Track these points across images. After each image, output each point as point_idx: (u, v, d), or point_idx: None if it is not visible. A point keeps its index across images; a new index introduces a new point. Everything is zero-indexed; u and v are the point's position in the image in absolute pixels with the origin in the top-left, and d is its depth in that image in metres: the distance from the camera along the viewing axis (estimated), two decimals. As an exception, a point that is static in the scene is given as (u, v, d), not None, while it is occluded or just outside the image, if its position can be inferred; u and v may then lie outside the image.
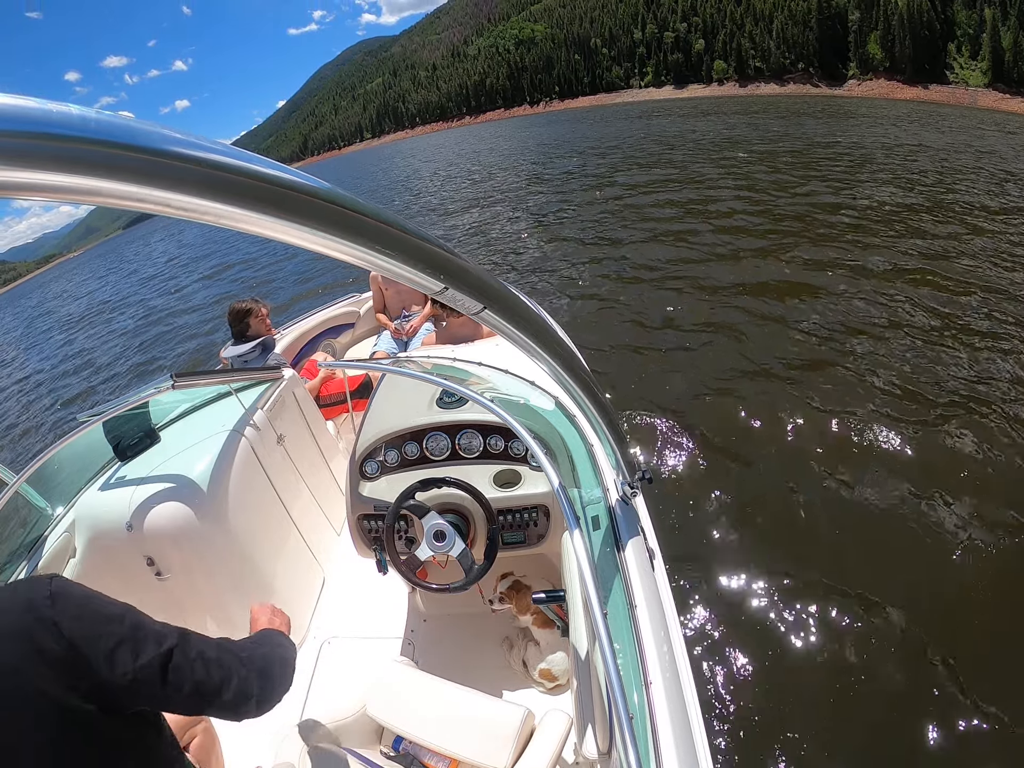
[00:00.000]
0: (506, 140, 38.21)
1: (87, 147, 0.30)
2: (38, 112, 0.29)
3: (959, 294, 5.51)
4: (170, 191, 0.35)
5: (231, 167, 0.37)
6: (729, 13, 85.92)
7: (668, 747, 0.88)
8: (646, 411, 4.08)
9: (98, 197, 0.33)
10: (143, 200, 0.34)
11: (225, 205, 0.38)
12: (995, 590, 2.52)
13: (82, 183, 0.31)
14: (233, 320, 3.01)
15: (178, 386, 1.88)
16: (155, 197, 0.35)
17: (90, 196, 0.32)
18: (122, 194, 0.33)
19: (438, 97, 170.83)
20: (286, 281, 11.36)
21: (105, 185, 0.32)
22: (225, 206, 0.38)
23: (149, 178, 0.34)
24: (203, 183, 0.36)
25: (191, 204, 0.36)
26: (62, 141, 0.29)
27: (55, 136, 0.29)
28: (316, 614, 2.25)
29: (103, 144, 0.31)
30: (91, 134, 0.30)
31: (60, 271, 69.88)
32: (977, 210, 8.37)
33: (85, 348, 11.74)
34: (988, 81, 50.18)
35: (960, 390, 3.98)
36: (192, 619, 1.90)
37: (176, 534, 1.86)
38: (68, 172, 0.30)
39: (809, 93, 64.53)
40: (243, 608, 1.34)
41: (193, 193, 0.36)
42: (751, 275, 6.50)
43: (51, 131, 0.29)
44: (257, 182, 0.38)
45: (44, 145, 0.29)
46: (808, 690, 2.22)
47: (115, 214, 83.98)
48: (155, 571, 1.89)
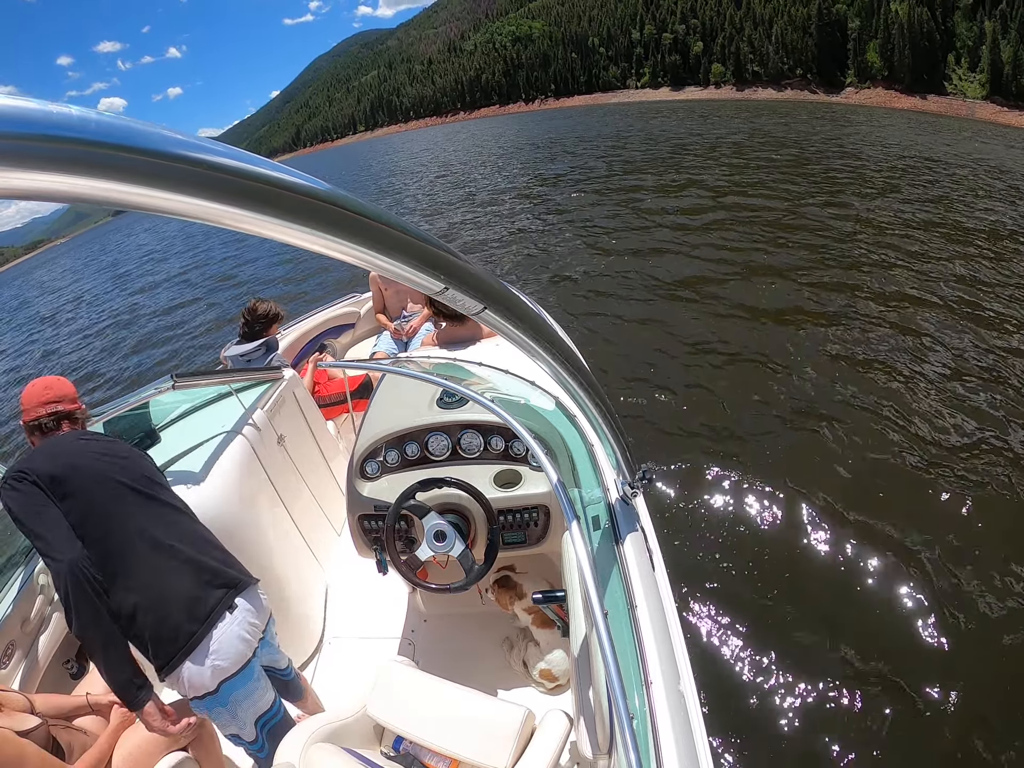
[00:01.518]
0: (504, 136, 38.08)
1: (87, 148, 0.30)
2: (38, 113, 0.29)
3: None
4: (171, 192, 0.35)
5: (232, 168, 0.37)
6: (728, 16, 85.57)
7: (668, 747, 0.88)
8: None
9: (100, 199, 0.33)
10: (144, 201, 0.34)
11: (226, 206, 0.38)
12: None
13: (83, 184, 0.31)
14: (254, 320, 2.90)
15: (178, 386, 1.88)
16: (156, 198, 0.35)
17: (91, 197, 0.32)
18: (123, 195, 0.33)
19: (433, 92, 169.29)
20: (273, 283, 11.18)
21: (107, 187, 0.32)
22: (226, 207, 0.38)
23: (150, 179, 0.34)
24: (204, 184, 0.36)
25: (192, 205, 0.36)
26: (62, 143, 0.29)
27: (55, 137, 0.29)
28: (316, 614, 2.25)
29: (103, 145, 0.31)
30: (91, 135, 0.30)
31: (48, 256, 69.04)
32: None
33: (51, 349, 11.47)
34: (986, 93, 50.10)
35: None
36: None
37: None
38: (68, 173, 0.30)
39: (806, 99, 64.37)
40: None
41: (194, 194, 0.36)
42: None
43: (51, 132, 0.29)
44: (258, 183, 0.38)
45: (44, 147, 0.29)
46: (808, 690, 2.22)
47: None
48: None
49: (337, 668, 2.06)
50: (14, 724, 1.24)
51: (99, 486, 1.35)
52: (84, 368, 9.04)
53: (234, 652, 1.32)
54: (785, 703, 2.19)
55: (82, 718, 1.48)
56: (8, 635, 1.63)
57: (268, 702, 1.45)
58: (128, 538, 1.32)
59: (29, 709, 1.35)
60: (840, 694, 2.20)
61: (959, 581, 2.59)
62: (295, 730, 1.28)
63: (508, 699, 1.65)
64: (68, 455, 1.39)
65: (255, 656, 1.39)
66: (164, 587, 1.30)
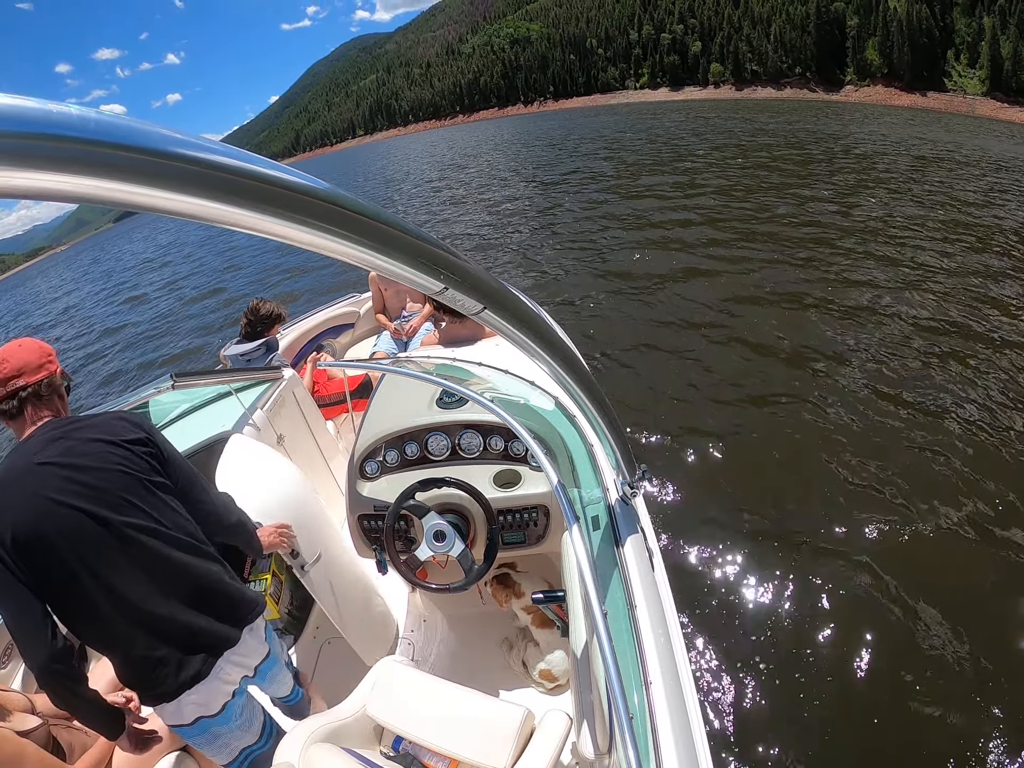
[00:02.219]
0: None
1: (87, 148, 0.30)
2: (38, 112, 0.29)
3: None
4: (171, 192, 0.35)
5: (232, 167, 0.37)
6: (727, 16, 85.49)
7: (668, 747, 0.88)
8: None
9: (99, 198, 0.33)
10: (144, 201, 0.34)
11: (226, 205, 0.38)
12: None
13: (83, 184, 0.31)
14: (257, 320, 2.88)
15: (178, 386, 1.88)
16: (157, 198, 0.35)
17: (91, 197, 0.32)
18: (124, 195, 0.33)
19: (431, 95, 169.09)
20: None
21: (106, 186, 0.32)
22: (226, 206, 0.38)
23: (150, 179, 0.34)
24: (204, 183, 0.36)
25: (192, 204, 0.36)
26: (62, 142, 0.29)
27: (55, 137, 0.29)
28: (316, 614, 2.25)
29: (103, 145, 0.31)
30: (91, 135, 0.30)
31: (48, 264, 67.85)
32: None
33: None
34: (986, 90, 50.24)
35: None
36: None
37: None
38: (69, 173, 0.30)
39: (806, 98, 64.36)
40: None
41: (194, 193, 0.36)
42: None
43: (51, 132, 0.29)
44: (258, 182, 0.39)
45: (44, 146, 0.29)
46: (809, 689, 2.22)
47: (105, 208, 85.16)
48: None
49: (337, 668, 2.06)
50: (15, 724, 1.24)
51: (69, 546, 1.13)
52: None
53: (211, 695, 1.27)
54: (786, 702, 2.19)
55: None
56: (8, 635, 1.63)
57: (253, 735, 1.41)
58: (112, 608, 1.18)
59: (30, 709, 1.35)
60: (841, 693, 2.20)
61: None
62: (295, 730, 1.27)
63: (508, 699, 1.65)
64: (24, 505, 1.12)
65: (235, 697, 1.32)
66: (149, 652, 1.21)
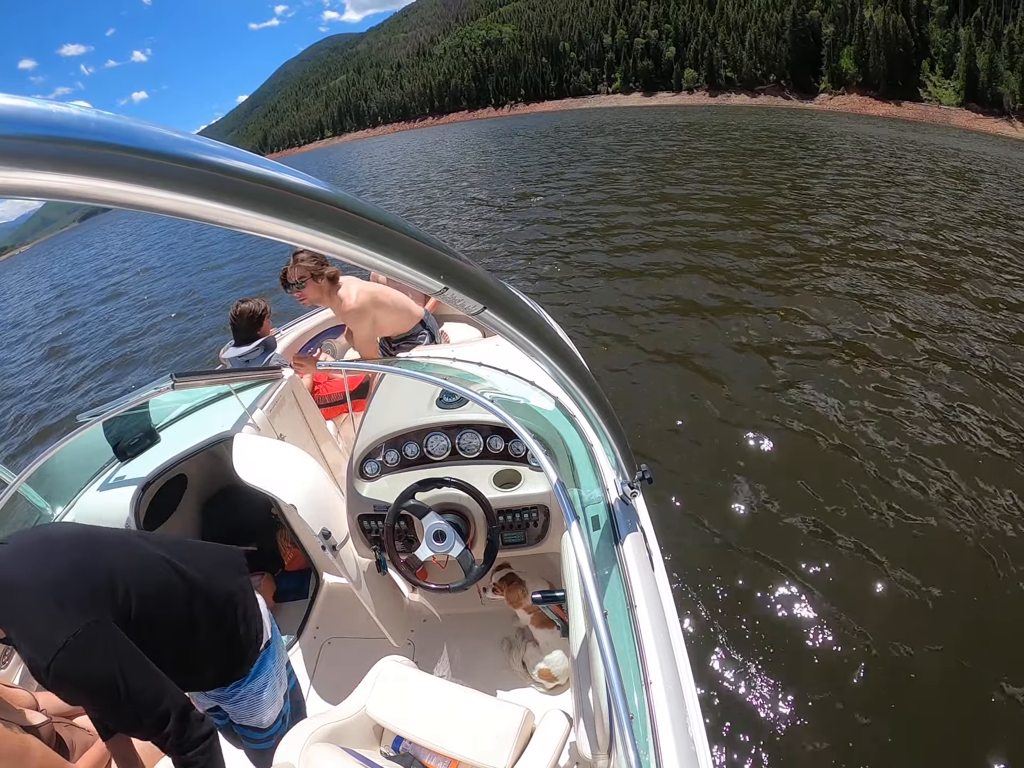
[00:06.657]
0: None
1: (87, 148, 0.30)
2: (38, 113, 0.29)
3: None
4: (171, 192, 0.35)
5: (232, 168, 0.37)
6: (702, 22, 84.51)
7: (668, 747, 0.88)
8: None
9: (100, 198, 0.33)
10: (144, 201, 0.34)
11: (226, 205, 0.38)
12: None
13: (83, 184, 0.31)
14: (244, 324, 2.82)
15: (178, 386, 1.88)
16: (156, 198, 0.35)
17: (92, 197, 0.32)
18: (124, 195, 0.33)
19: (401, 96, 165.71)
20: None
21: (106, 186, 0.32)
22: (226, 206, 0.38)
23: (150, 179, 0.34)
24: (204, 184, 0.36)
25: (192, 204, 0.36)
26: (62, 143, 0.29)
27: (55, 138, 0.29)
28: (316, 614, 2.25)
29: (103, 145, 0.31)
30: (91, 135, 0.30)
31: (6, 266, 65.46)
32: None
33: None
34: (961, 100, 50.15)
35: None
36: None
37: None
38: (69, 173, 0.30)
39: (780, 105, 63.87)
40: None
41: (194, 194, 0.36)
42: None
43: (51, 132, 0.29)
44: (258, 183, 0.38)
45: (44, 146, 0.29)
46: (809, 689, 2.22)
47: (70, 206, 77.14)
48: None
49: (337, 668, 2.06)
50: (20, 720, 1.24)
51: (160, 594, 1.12)
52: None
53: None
54: (785, 702, 2.19)
55: (84, 716, 1.48)
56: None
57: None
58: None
59: (35, 706, 1.35)
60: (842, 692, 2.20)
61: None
62: (295, 730, 1.27)
63: (508, 699, 1.65)
64: (108, 560, 1.05)
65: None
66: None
